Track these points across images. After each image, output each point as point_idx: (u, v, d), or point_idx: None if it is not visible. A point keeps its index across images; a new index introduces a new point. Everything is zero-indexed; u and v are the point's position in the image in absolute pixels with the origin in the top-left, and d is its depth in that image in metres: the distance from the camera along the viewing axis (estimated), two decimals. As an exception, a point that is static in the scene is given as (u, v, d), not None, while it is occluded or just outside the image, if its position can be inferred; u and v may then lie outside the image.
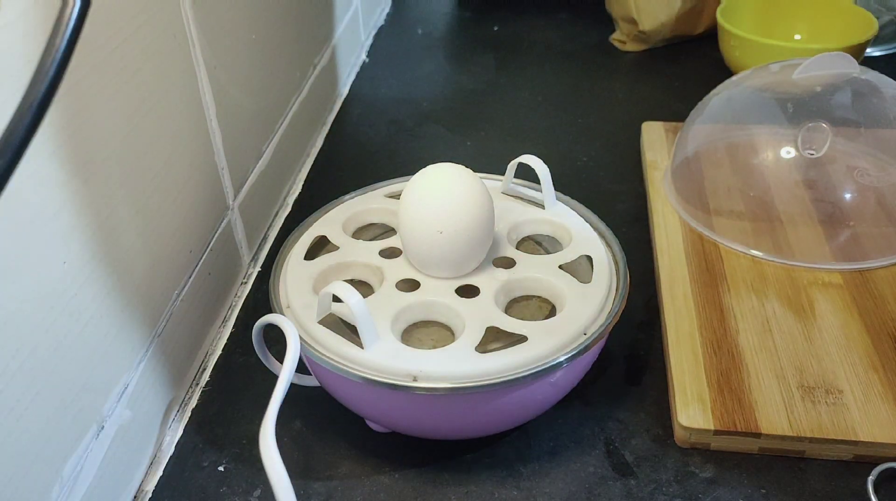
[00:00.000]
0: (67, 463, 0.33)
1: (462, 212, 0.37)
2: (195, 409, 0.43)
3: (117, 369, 0.36)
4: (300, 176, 0.64)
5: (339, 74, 0.76)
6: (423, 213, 0.38)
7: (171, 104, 0.41)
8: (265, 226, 0.57)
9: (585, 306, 0.38)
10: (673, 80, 0.78)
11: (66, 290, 0.32)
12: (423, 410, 0.36)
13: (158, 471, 0.40)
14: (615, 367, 0.45)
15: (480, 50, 0.86)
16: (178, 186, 0.42)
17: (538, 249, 0.44)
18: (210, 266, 0.46)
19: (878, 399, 0.40)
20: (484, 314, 0.37)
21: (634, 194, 0.60)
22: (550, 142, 0.68)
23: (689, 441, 0.39)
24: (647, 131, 0.64)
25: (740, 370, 0.42)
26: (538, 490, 0.38)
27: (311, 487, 0.38)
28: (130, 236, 0.37)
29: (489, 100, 0.75)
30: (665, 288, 0.47)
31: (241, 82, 0.51)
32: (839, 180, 0.51)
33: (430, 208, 0.38)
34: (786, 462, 0.39)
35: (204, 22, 0.44)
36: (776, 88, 0.55)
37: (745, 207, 0.52)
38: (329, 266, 0.41)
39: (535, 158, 0.44)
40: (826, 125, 0.50)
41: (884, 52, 0.81)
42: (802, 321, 0.45)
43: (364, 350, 0.35)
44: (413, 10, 0.98)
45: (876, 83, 0.53)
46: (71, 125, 0.32)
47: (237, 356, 0.46)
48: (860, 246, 0.49)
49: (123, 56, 0.36)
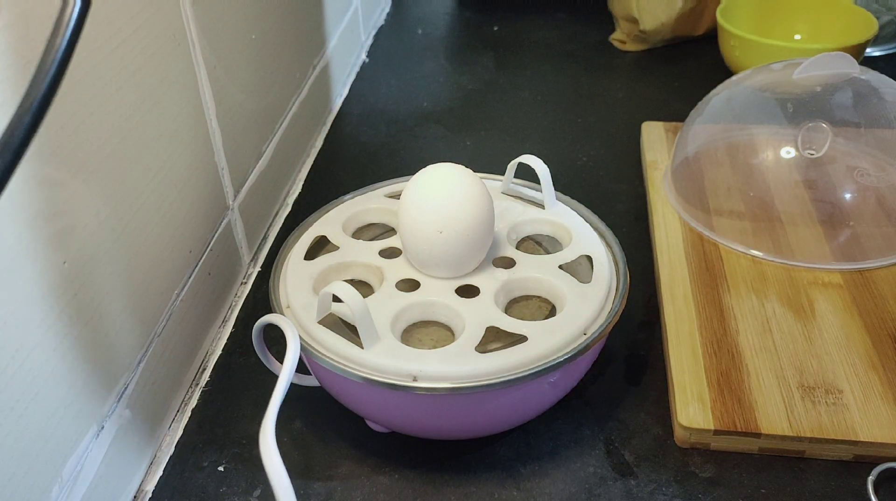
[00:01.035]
0: (67, 463, 0.33)
1: (462, 212, 0.37)
2: (195, 409, 0.43)
3: (117, 369, 0.36)
4: (300, 176, 0.64)
5: (339, 74, 0.76)
6: (423, 213, 0.38)
7: (171, 104, 0.41)
8: (265, 226, 0.57)
9: (585, 306, 0.38)
10: (673, 80, 0.78)
11: (66, 290, 0.32)
12: (423, 410, 0.36)
13: (158, 471, 0.40)
14: (615, 367, 0.45)
15: (480, 50, 0.86)
16: (178, 186, 0.42)
17: (538, 249, 0.44)
18: (210, 266, 0.46)
19: (878, 399, 0.40)
20: (484, 314, 0.37)
21: (634, 194, 0.60)
22: (550, 142, 0.68)
23: (689, 440, 0.40)
24: (647, 131, 0.64)
25: (740, 370, 0.42)
26: (538, 491, 0.38)
27: (311, 487, 0.38)
28: (130, 236, 0.37)
29: (489, 100, 0.75)
30: (665, 288, 0.47)
31: (241, 82, 0.51)
32: (839, 180, 0.51)
33: (430, 208, 0.38)
34: (786, 462, 0.39)
35: (204, 22, 0.44)
36: (776, 88, 0.55)
37: (745, 207, 0.52)
38: (329, 266, 0.41)
39: (535, 158, 0.44)
40: (826, 125, 0.50)
41: (884, 52, 0.81)
42: (802, 321, 0.45)
43: (364, 350, 0.35)
44: (413, 10, 0.98)
45: (876, 83, 0.53)
46: (71, 125, 0.32)
47: (237, 356, 0.46)
48: (860, 246, 0.49)
49: (123, 56, 0.36)
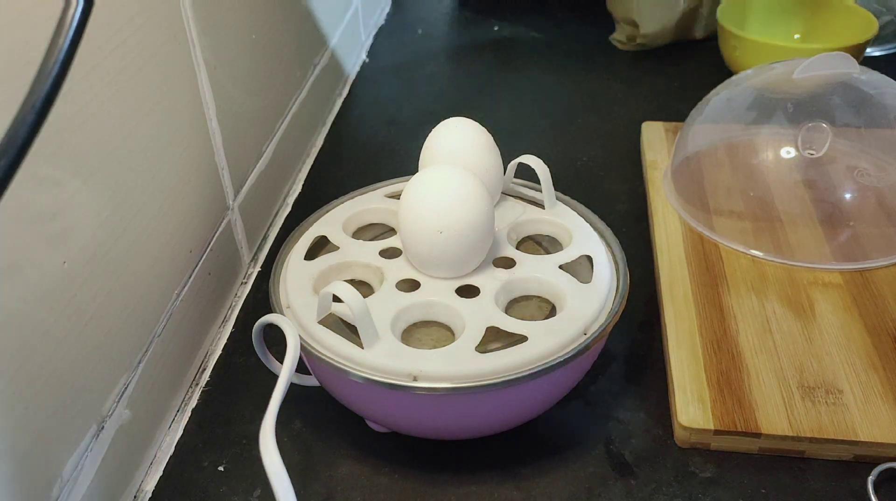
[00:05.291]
0: (67, 463, 0.33)
1: (462, 212, 0.37)
2: (195, 409, 0.43)
3: (117, 369, 0.36)
4: (300, 176, 0.64)
5: (339, 74, 0.76)
6: (423, 213, 0.38)
7: (171, 104, 0.41)
8: (265, 226, 0.57)
9: (585, 306, 0.38)
10: (673, 80, 0.78)
11: (66, 290, 0.32)
12: (423, 410, 0.36)
13: (158, 471, 0.40)
14: (615, 367, 0.45)
15: (480, 50, 0.86)
16: (179, 186, 0.42)
17: (538, 249, 0.44)
18: (210, 266, 0.46)
19: (878, 399, 0.40)
20: (484, 314, 0.37)
21: (634, 194, 0.60)
22: (550, 142, 0.68)
23: (689, 440, 0.40)
24: (647, 131, 0.64)
25: (740, 370, 0.42)
26: (538, 490, 0.38)
27: (311, 487, 0.38)
28: (130, 236, 0.37)
29: (489, 100, 0.75)
30: (665, 288, 0.47)
31: (241, 82, 0.51)
32: (839, 180, 0.51)
33: (430, 208, 0.38)
34: (786, 462, 0.39)
35: (204, 22, 0.44)
36: (776, 88, 0.55)
37: (745, 207, 0.52)
38: (329, 266, 0.41)
39: (535, 158, 0.44)
40: (826, 125, 0.50)
41: (884, 52, 0.81)
42: (802, 321, 0.45)
43: (364, 350, 0.35)
44: (413, 10, 0.97)
45: (876, 83, 0.53)
46: (71, 125, 0.32)
47: (237, 356, 0.46)
48: (860, 246, 0.49)
49: (123, 56, 0.36)
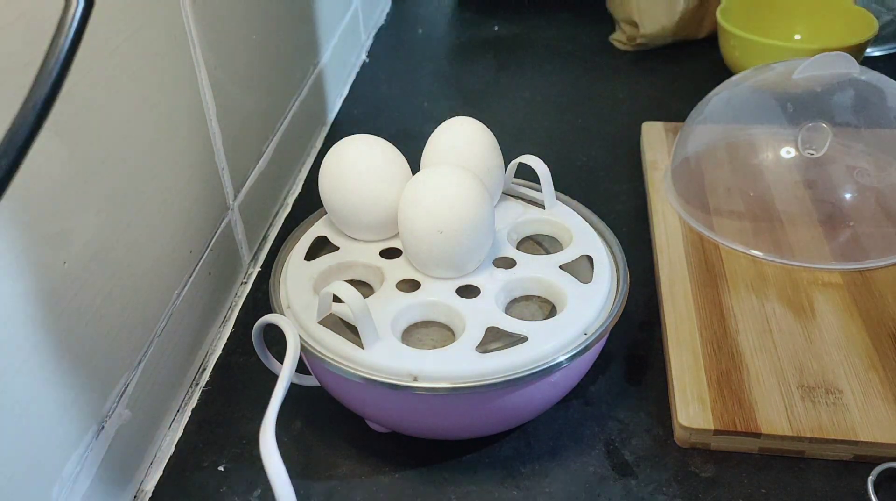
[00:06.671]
0: (67, 463, 0.33)
1: (462, 212, 0.37)
2: (195, 409, 0.43)
3: (117, 369, 0.36)
4: (300, 176, 0.64)
5: (340, 74, 0.76)
6: (423, 213, 0.38)
7: (171, 104, 0.41)
8: (265, 226, 0.57)
9: (586, 306, 0.38)
10: (673, 80, 0.78)
11: (66, 290, 0.32)
12: (423, 410, 0.36)
13: (158, 471, 0.40)
14: (615, 367, 0.45)
15: (480, 50, 0.86)
16: (178, 186, 0.42)
17: (538, 249, 0.44)
18: (210, 266, 0.46)
19: (878, 399, 0.40)
20: (484, 314, 0.37)
21: (634, 194, 0.60)
22: (550, 142, 0.68)
23: (689, 440, 0.40)
24: (647, 131, 0.64)
25: (740, 370, 0.42)
26: (538, 490, 0.38)
27: (311, 487, 0.38)
28: (130, 236, 0.37)
29: (489, 100, 0.75)
30: (665, 288, 0.47)
31: (241, 82, 0.51)
32: (839, 180, 0.51)
33: (430, 208, 0.38)
34: (786, 462, 0.39)
35: (204, 22, 0.44)
36: (776, 88, 0.55)
37: (745, 207, 0.52)
38: (329, 266, 0.41)
39: (535, 158, 0.44)
40: (826, 125, 0.50)
41: (884, 52, 0.81)
42: (802, 321, 0.45)
43: (364, 350, 0.35)
44: (413, 10, 0.97)
45: (876, 83, 0.53)
46: (71, 125, 0.32)
47: (237, 356, 0.46)
48: (860, 246, 0.49)
49: (123, 56, 0.36)
